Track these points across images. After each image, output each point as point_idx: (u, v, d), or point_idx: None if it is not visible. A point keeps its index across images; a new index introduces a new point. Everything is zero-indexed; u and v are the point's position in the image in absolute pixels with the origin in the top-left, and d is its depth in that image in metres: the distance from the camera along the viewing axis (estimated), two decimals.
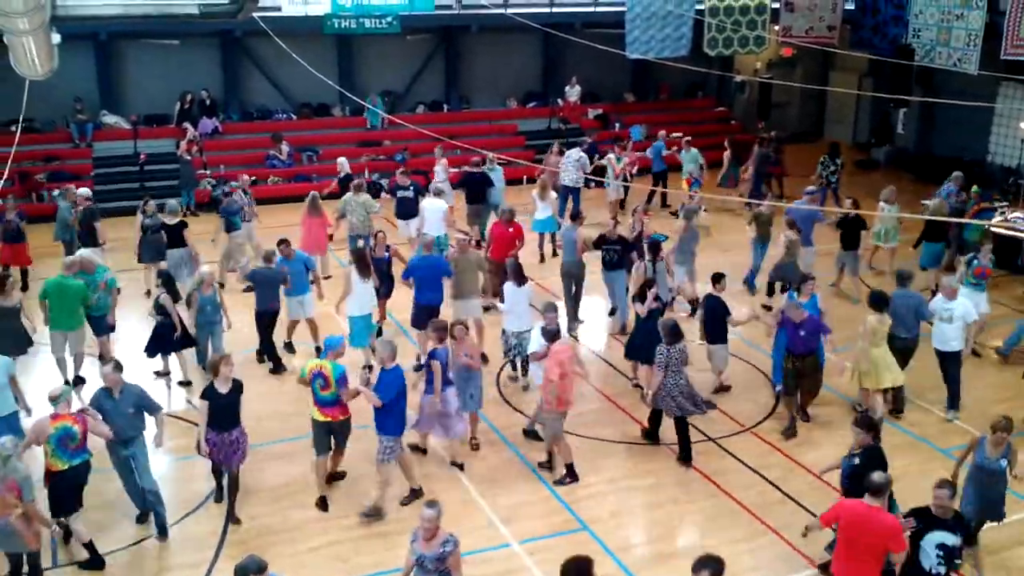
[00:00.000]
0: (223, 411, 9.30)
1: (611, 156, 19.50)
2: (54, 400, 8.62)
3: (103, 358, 10.69)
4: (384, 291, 13.45)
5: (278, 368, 12.81)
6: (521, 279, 12.13)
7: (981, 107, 19.45)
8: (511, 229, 14.19)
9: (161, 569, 8.85)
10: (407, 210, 16.73)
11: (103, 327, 12.54)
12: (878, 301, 11.15)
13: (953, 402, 11.76)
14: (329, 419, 9.54)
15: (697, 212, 15.45)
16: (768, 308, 14.57)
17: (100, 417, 8.86)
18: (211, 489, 10.04)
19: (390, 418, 9.30)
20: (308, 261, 13.35)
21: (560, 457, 10.28)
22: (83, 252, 13.19)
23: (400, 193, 16.90)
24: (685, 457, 10.56)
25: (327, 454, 9.75)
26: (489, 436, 11.21)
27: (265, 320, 12.77)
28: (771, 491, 10.14)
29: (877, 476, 7.38)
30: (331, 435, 9.70)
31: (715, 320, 11.87)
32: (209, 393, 9.34)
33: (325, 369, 9.45)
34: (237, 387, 9.43)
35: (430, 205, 15.88)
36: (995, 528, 9.40)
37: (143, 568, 8.88)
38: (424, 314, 12.10)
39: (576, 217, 14.58)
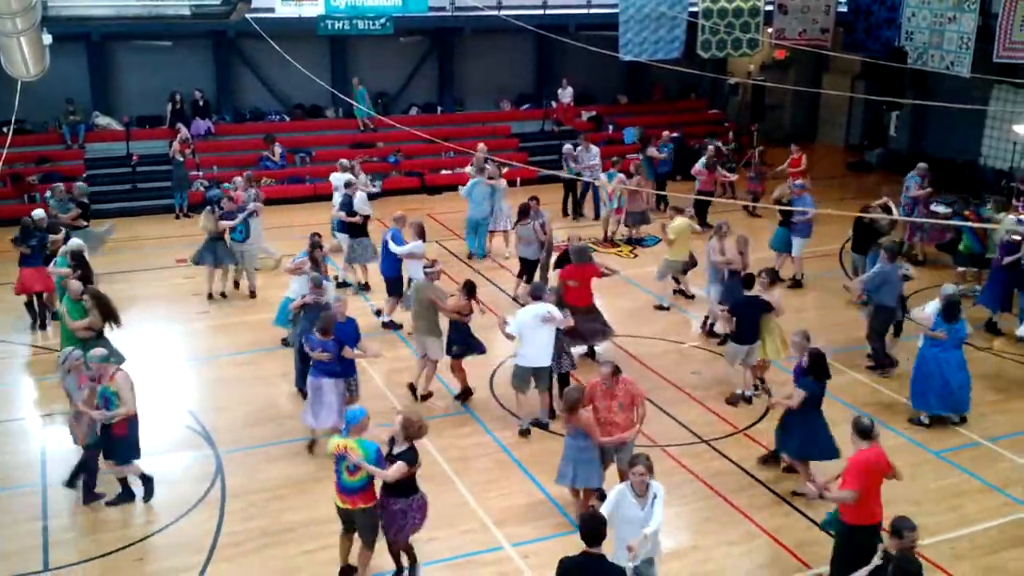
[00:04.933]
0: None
1: (603, 176, 18.70)
2: (104, 358, 9.55)
3: None
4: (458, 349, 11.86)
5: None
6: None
7: (974, 110, 19.52)
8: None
9: (153, 572, 8.81)
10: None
11: None
12: (775, 277, 12.01)
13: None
14: (348, 506, 8.24)
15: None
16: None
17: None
18: (204, 490, 10.04)
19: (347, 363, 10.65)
20: None
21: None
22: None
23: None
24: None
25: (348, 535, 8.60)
26: (483, 439, 11.20)
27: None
28: (765, 493, 10.14)
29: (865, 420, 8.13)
30: (352, 521, 8.42)
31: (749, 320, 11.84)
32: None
33: (352, 451, 7.98)
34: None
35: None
36: (990, 529, 9.46)
37: (135, 571, 8.84)
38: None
39: None
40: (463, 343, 11.77)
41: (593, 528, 6.78)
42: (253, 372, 12.86)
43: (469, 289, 11.70)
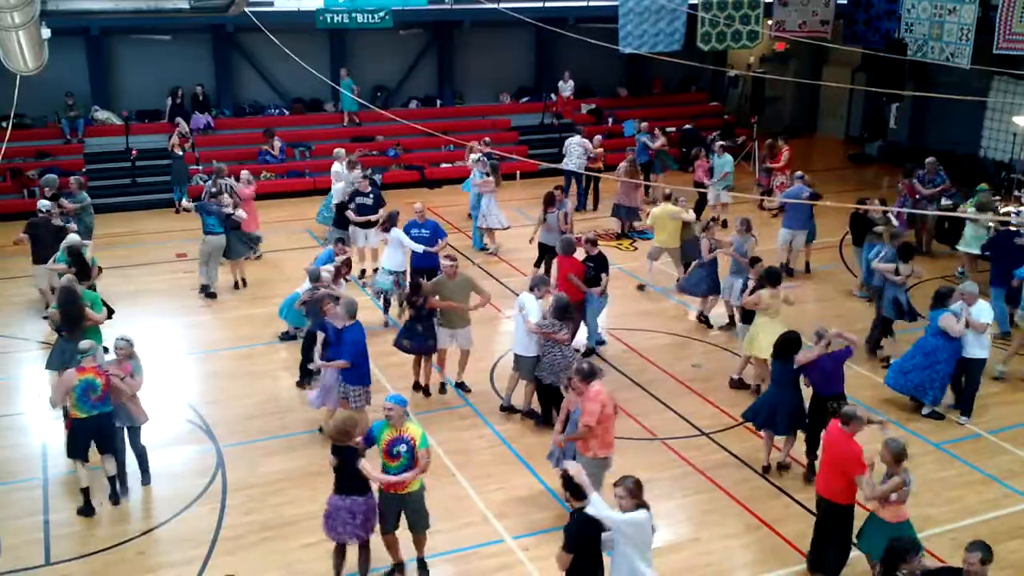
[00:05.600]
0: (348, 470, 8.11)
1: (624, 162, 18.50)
2: (83, 353, 9.36)
3: None
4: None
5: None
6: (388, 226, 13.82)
7: (974, 101, 19.49)
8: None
9: (155, 566, 8.83)
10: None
11: None
12: (771, 276, 11.73)
13: (966, 408, 11.55)
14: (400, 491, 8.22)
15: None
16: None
17: (128, 376, 9.55)
18: (205, 484, 10.06)
19: (354, 371, 10.26)
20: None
21: None
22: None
23: (359, 200, 15.84)
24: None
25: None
26: (483, 431, 11.21)
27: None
28: (764, 485, 10.15)
29: (848, 408, 8.44)
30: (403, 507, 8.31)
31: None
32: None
33: (411, 433, 8.10)
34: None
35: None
36: (991, 520, 9.48)
37: (136, 565, 8.86)
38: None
39: None
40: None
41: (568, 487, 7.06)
42: (253, 366, 12.87)
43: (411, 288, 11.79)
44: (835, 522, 8.39)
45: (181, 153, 19.89)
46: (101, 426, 9.46)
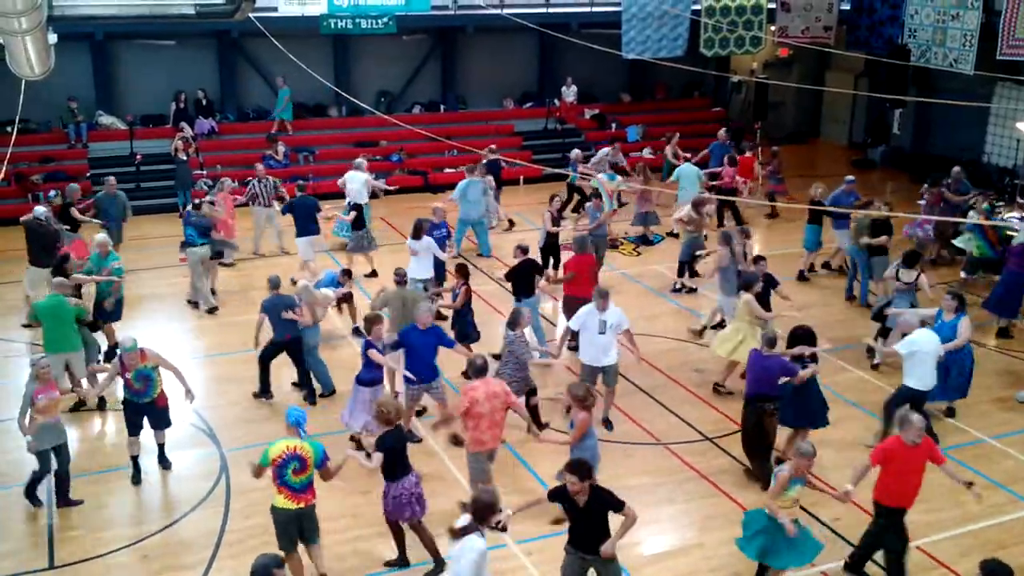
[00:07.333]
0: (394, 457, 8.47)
1: (602, 176, 17.83)
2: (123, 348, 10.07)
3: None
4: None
5: None
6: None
7: (977, 107, 19.50)
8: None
9: (159, 570, 8.83)
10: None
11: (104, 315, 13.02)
12: (747, 283, 11.99)
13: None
14: (301, 505, 8.18)
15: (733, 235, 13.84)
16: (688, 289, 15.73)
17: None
18: (209, 487, 10.06)
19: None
20: None
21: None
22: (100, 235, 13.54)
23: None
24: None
25: (295, 549, 8.37)
26: None
27: None
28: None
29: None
30: (300, 523, 8.29)
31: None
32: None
33: (303, 451, 8.04)
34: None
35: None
36: (995, 526, 9.46)
37: (140, 568, 8.87)
38: None
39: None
40: None
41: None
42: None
43: None
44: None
45: (185, 158, 19.91)
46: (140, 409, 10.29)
